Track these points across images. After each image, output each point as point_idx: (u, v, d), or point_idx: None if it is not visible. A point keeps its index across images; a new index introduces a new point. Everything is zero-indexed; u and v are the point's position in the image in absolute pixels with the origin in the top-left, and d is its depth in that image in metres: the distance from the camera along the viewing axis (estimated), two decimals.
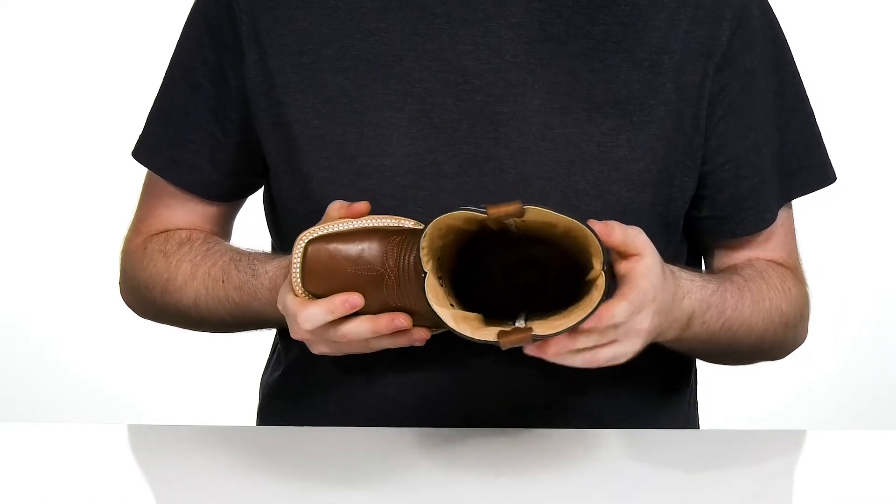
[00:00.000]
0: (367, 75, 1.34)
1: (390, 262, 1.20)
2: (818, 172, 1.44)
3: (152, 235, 1.45)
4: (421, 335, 1.22)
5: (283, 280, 1.28)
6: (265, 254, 1.40)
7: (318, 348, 1.24)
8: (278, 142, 1.37)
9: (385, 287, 1.20)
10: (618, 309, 1.15)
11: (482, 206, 1.14)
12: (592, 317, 1.13)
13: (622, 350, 1.19)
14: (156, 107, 1.46)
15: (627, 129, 1.33)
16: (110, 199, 2.89)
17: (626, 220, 1.32)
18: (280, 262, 1.33)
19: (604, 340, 1.17)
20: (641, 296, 1.17)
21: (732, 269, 1.41)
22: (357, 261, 1.20)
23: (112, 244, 1.54)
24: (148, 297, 1.44)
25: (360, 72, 1.34)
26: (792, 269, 1.44)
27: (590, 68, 1.33)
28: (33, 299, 3.12)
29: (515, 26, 1.33)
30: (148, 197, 1.48)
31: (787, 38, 1.42)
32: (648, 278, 1.18)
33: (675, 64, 1.34)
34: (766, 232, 1.42)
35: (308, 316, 1.20)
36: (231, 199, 1.47)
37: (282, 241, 1.44)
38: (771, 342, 1.40)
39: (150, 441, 1.32)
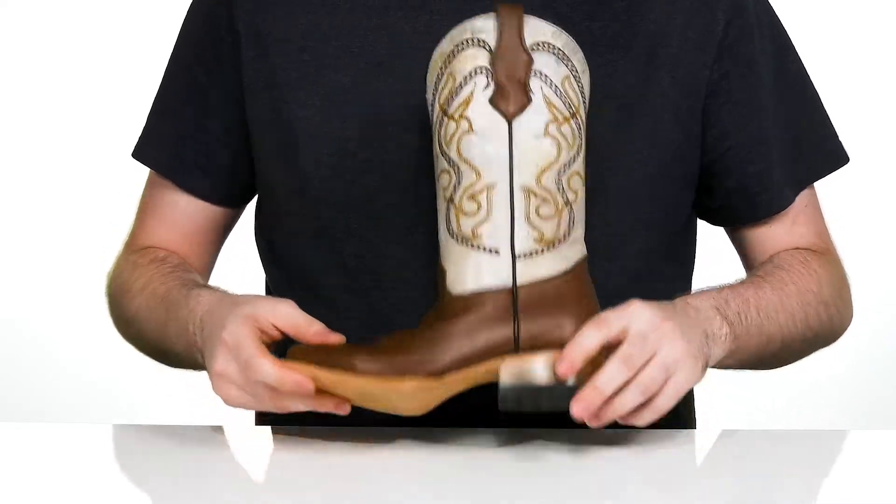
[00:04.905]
0: (368, 72, 1.35)
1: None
2: (829, 156, 1.45)
3: (136, 250, 1.45)
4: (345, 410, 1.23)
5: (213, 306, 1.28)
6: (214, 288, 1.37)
7: (224, 389, 1.25)
8: (275, 139, 1.37)
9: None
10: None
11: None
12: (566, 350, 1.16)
13: (667, 356, 1.18)
14: (155, 107, 1.46)
15: (626, 123, 1.34)
16: (106, 201, 2.89)
17: (627, 211, 1.33)
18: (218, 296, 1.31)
19: (631, 367, 1.17)
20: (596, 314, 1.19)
21: (751, 272, 1.41)
22: None
23: (108, 245, 1.53)
24: (112, 308, 1.45)
25: (361, 69, 1.35)
26: (822, 251, 1.44)
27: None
28: (28, 299, 3.11)
29: None
30: (142, 213, 1.48)
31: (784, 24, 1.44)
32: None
33: (672, 56, 1.36)
34: (790, 214, 1.43)
35: (260, 368, 1.19)
36: (231, 205, 1.47)
37: (272, 240, 1.43)
38: (816, 323, 1.39)
39: (150, 441, 1.32)
